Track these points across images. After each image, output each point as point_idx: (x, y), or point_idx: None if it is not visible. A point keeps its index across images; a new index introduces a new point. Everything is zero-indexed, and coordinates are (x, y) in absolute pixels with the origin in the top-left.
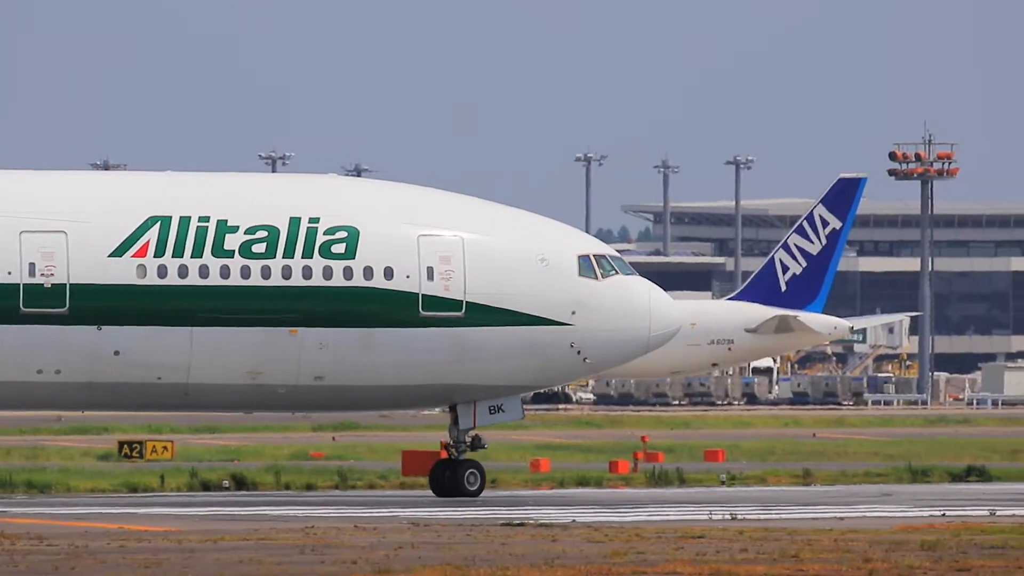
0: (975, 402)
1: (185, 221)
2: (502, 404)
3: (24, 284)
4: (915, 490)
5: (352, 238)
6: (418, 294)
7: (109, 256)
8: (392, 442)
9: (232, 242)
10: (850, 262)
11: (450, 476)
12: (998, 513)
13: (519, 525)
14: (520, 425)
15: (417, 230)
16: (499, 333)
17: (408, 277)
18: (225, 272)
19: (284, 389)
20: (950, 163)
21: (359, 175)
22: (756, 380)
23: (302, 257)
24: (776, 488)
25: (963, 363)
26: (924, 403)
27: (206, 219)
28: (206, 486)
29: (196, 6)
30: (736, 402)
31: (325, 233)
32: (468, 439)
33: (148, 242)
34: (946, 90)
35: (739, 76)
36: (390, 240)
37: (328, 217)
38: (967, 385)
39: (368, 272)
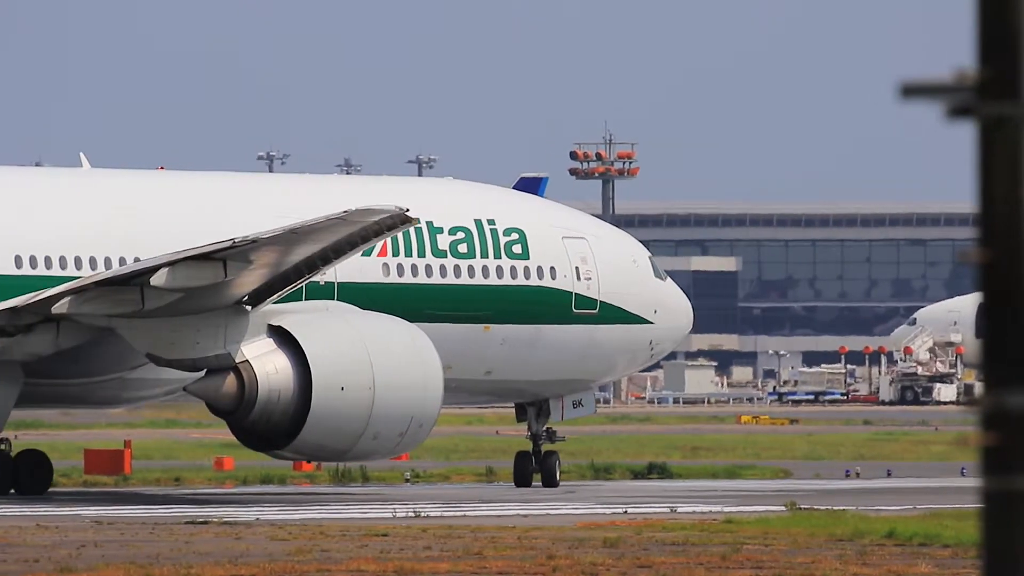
0: (656, 400)
1: None
2: (581, 399)
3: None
4: (598, 487)
5: (523, 239)
6: (572, 293)
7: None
8: (74, 440)
9: (442, 243)
10: None
11: (542, 467)
12: (679, 510)
13: (203, 523)
14: (202, 423)
15: (559, 232)
16: (615, 331)
17: (565, 276)
18: (443, 271)
19: (456, 383)
20: (630, 163)
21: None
22: None
23: (493, 257)
24: (459, 486)
25: None
26: (607, 401)
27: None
28: None
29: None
30: None
31: (504, 234)
32: (544, 432)
33: (385, 242)
34: (626, 90)
35: (421, 74)
36: (548, 241)
37: (500, 219)
38: (649, 383)
39: (540, 272)
